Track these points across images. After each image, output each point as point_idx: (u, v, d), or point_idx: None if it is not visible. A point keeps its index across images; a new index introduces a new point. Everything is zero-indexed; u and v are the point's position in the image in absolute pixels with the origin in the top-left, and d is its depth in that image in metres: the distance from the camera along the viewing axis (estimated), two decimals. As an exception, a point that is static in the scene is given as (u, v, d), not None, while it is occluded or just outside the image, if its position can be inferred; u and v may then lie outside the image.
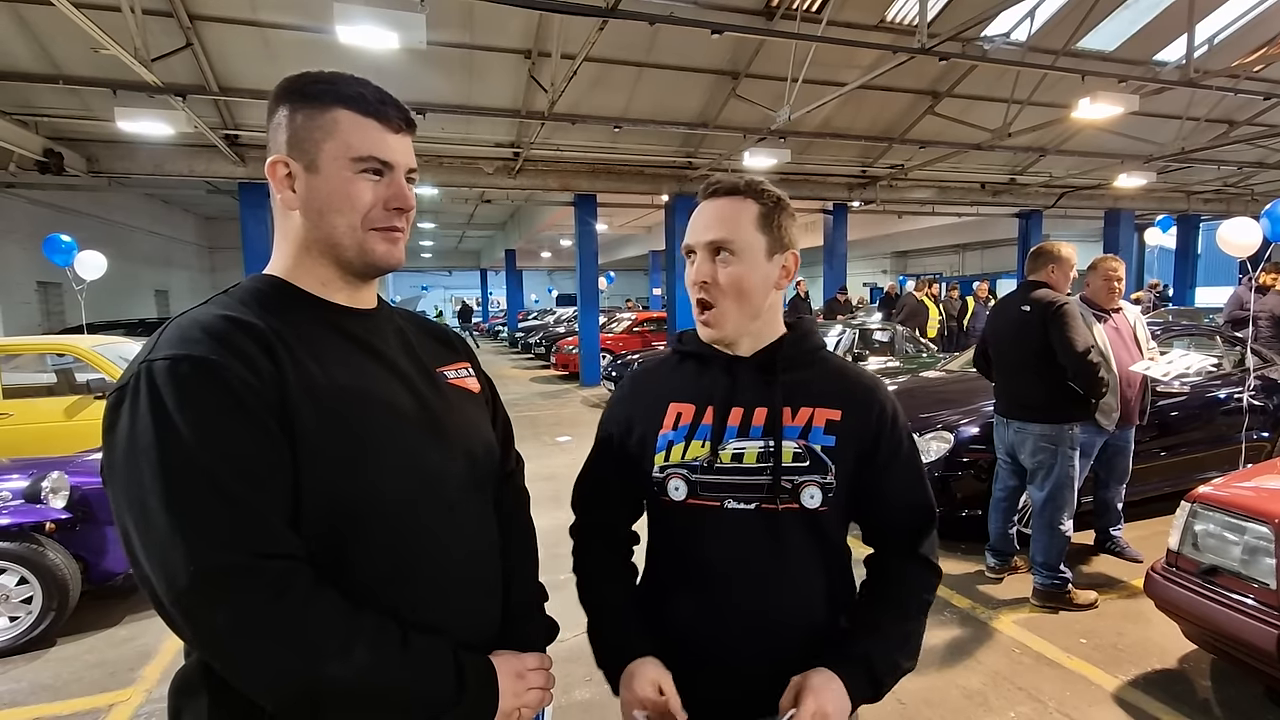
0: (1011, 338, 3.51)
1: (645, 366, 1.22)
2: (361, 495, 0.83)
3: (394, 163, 0.90)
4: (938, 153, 10.99)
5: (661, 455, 1.08)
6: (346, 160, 0.87)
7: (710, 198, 1.09)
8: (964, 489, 4.16)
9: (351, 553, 0.83)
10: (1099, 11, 8.03)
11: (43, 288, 12.22)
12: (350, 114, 0.88)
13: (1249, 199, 15.34)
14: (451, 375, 1.03)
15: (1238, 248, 5.26)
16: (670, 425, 1.08)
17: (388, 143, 0.89)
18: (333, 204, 0.88)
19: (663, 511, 1.11)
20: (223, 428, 0.75)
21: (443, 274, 37.84)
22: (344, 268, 0.92)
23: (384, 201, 0.90)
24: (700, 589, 1.08)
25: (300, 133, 0.88)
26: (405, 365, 0.95)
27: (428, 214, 19.54)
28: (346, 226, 0.89)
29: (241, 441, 0.76)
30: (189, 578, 0.71)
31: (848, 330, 8.35)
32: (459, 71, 8.29)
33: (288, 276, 0.91)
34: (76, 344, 5.38)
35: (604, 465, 1.18)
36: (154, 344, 0.80)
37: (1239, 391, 4.54)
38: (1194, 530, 2.57)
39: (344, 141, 0.87)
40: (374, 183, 0.89)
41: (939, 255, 26.62)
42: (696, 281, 1.07)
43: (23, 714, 2.73)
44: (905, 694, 2.71)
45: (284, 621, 0.73)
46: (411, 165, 0.93)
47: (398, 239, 0.93)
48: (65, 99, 7.89)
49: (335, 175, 0.87)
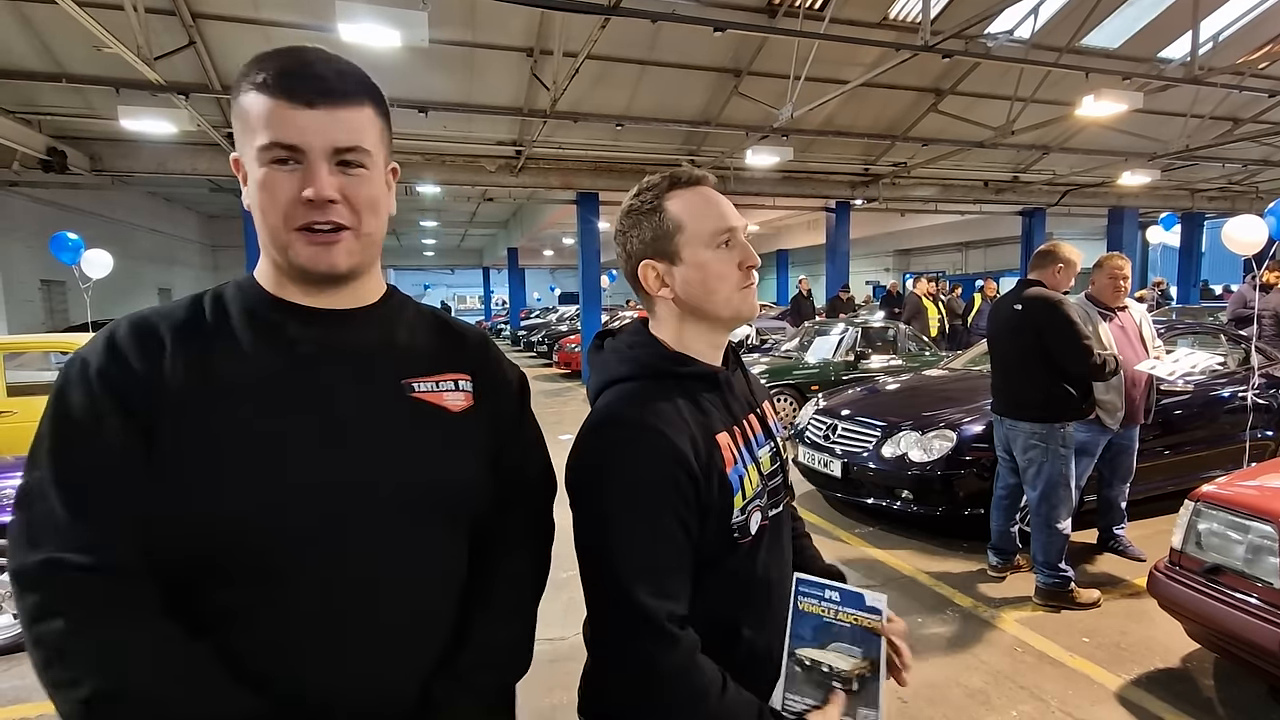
0: (1006, 336, 3.52)
1: (650, 401, 0.95)
2: (219, 522, 0.72)
3: (303, 145, 0.74)
4: (940, 150, 10.96)
5: (739, 495, 0.96)
6: (256, 151, 0.75)
7: (706, 185, 1.03)
8: (966, 487, 4.16)
9: (207, 586, 0.73)
10: (1103, 8, 8.00)
11: (46, 286, 12.25)
12: (256, 95, 0.75)
13: (1253, 196, 15.28)
14: (423, 388, 0.85)
15: (1244, 245, 5.24)
16: (731, 460, 0.96)
17: (292, 121, 0.74)
18: (257, 204, 0.77)
19: (729, 554, 0.96)
20: (68, 428, 0.73)
21: (445, 272, 37.89)
22: (284, 273, 0.82)
23: (299, 195, 0.75)
24: (759, 608, 1.02)
25: (235, 126, 0.79)
26: (344, 375, 0.80)
27: (430, 212, 19.56)
28: (271, 229, 0.77)
29: (81, 441, 0.73)
30: (12, 569, 0.71)
31: (850, 329, 8.34)
32: (461, 69, 8.28)
33: (257, 273, 0.85)
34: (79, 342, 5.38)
35: (679, 535, 0.90)
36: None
37: (1243, 390, 4.52)
38: (1198, 529, 2.57)
39: (250, 129, 0.76)
40: (287, 174, 0.75)
41: (942, 253, 26.58)
42: (755, 264, 1.02)
43: (27, 710, 2.74)
44: (906, 692, 2.71)
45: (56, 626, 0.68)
46: (339, 144, 0.76)
47: (329, 240, 0.77)
48: (68, 97, 7.91)
49: (253, 170, 0.77)
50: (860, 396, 5.32)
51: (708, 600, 0.95)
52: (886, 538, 4.41)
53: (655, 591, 0.87)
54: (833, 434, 4.81)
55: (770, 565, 1.03)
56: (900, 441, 4.36)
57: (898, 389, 5.39)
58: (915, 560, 4.03)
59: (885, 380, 5.95)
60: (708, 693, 0.88)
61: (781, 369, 7.78)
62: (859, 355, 7.92)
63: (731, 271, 0.99)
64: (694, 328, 1.02)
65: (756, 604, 1.01)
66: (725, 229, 0.98)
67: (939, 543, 4.27)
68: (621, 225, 1.03)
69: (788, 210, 16.85)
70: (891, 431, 4.44)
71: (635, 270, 1.02)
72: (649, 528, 0.88)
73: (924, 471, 4.20)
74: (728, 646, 0.97)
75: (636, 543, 0.88)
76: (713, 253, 0.98)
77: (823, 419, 4.99)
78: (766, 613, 1.02)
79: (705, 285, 0.98)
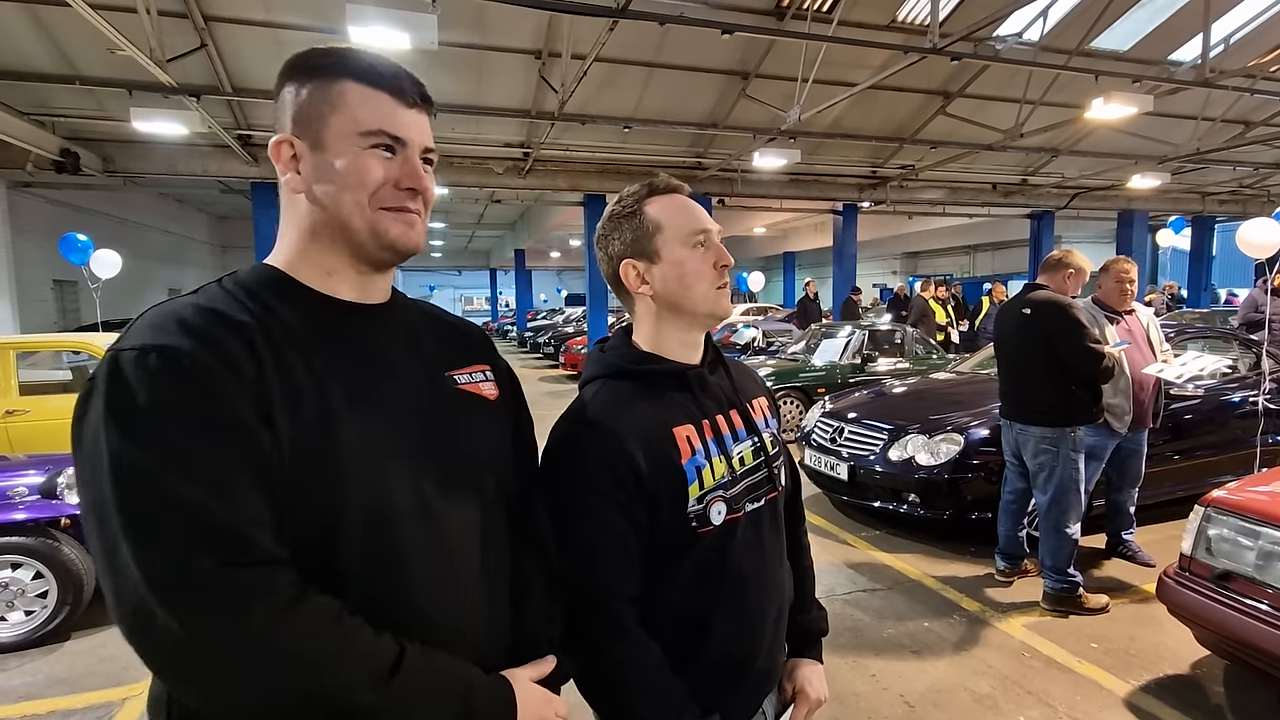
0: (1014, 340, 3.50)
1: (604, 399, 1.05)
2: (341, 511, 0.75)
3: (407, 139, 0.82)
4: (949, 153, 10.93)
5: (695, 485, 1.01)
6: (354, 135, 0.80)
7: (681, 193, 1.11)
8: (973, 491, 4.14)
9: (337, 564, 0.75)
10: (1113, 11, 7.96)
11: (58, 285, 12.36)
12: (359, 86, 0.81)
13: (1265, 200, 15.18)
14: (464, 380, 0.93)
15: (1258, 248, 5.21)
16: (688, 452, 1.02)
17: (400, 117, 0.82)
18: (339, 181, 0.80)
19: (692, 543, 1.02)
20: (186, 427, 0.67)
21: (452, 273, 37.99)
22: (356, 253, 0.84)
23: (396, 180, 0.82)
24: (732, 601, 1.05)
25: (306, 109, 0.81)
26: (408, 369, 0.87)
27: (438, 213, 19.61)
28: (354, 205, 0.81)
29: (207, 441, 0.68)
30: (135, 591, 0.63)
31: (857, 331, 8.32)
32: (469, 72, 8.33)
33: (288, 268, 0.84)
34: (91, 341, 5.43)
35: (619, 522, 0.99)
36: (126, 332, 0.73)
37: (1254, 395, 4.49)
38: (1207, 535, 2.55)
39: (351, 115, 0.80)
40: (385, 160, 0.81)
41: (950, 256, 26.49)
42: (728, 264, 1.08)
43: (37, 707, 2.77)
44: (914, 697, 2.70)
45: (256, 632, 0.65)
46: (428, 145, 0.85)
47: (414, 221, 0.84)
48: (81, 99, 8.00)
49: (342, 151, 0.80)
50: (867, 399, 5.31)
51: (677, 591, 1.02)
52: (893, 541, 4.40)
53: (588, 570, 0.98)
54: (839, 437, 4.80)
55: (744, 558, 1.06)
56: (907, 445, 4.35)
57: (904, 392, 5.38)
58: (922, 564, 4.02)
59: (892, 383, 5.93)
60: (641, 666, 0.98)
61: (788, 371, 7.77)
62: (866, 358, 7.90)
63: (707, 270, 1.06)
64: (670, 325, 1.09)
65: (729, 597, 1.05)
66: (701, 230, 1.06)
67: (946, 547, 4.25)
68: (604, 229, 1.10)
69: (795, 213, 16.84)
70: (898, 435, 4.43)
71: (617, 270, 1.09)
72: (588, 513, 0.98)
73: (931, 475, 4.18)
74: (699, 638, 1.03)
75: (578, 527, 0.98)
76: (689, 251, 1.05)
77: (829, 422, 4.98)
78: (742, 607, 1.06)
79: (682, 281, 1.05)
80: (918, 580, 3.82)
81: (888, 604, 3.53)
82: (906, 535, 4.46)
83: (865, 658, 3.01)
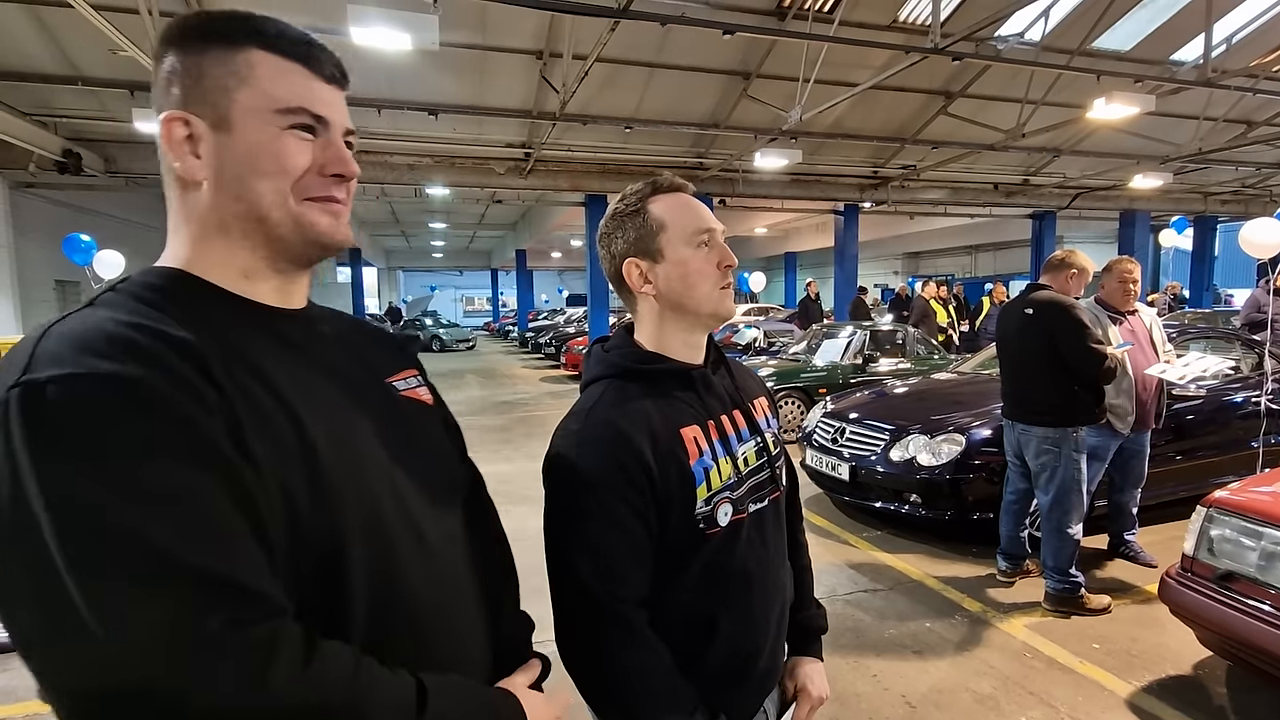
0: (1016, 340, 3.50)
1: (611, 399, 1.03)
2: (341, 538, 0.67)
3: (329, 119, 0.72)
4: (950, 153, 10.93)
5: (703, 486, 1.00)
6: (268, 113, 0.69)
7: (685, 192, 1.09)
8: (975, 492, 4.14)
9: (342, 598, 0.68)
10: (1115, 11, 7.96)
11: (61, 286, 12.37)
12: (270, 56, 0.70)
13: (1267, 200, 15.16)
14: (402, 386, 0.86)
15: (1260, 248, 5.20)
16: (696, 453, 1.01)
17: (319, 93, 0.72)
18: (255, 167, 0.69)
19: (700, 545, 1.00)
20: (160, 469, 0.56)
21: (454, 274, 38.04)
22: (276, 250, 0.72)
23: (321, 166, 0.72)
24: (738, 602, 1.05)
25: (204, 81, 0.68)
26: (360, 378, 0.80)
27: (439, 214, 19.65)
28: (275, 195, 0.70)
29: (185, 482, 0.57)
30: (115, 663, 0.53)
31: (858, 332, 8.31)
32: (471, 72, 8.33)
33: (191, 269, 0.70)
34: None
35: (630, 522, 0.96)
36: (27, 359, 0.57)
37: (1257, 395, 4.48)
38: (1210, 535, 2.54)
39: (263, 90, 0.69)
40: (306, 142, 0.71)
41: (951, 256, 26.46)
42: (732, 264, 1.07)
43: (38, 706, 2.76)
44: (915, 697, 2.70)
45: (277, 699, 0.56)
46: (348, 126, 0.75)
47: (340, 212, 0.74)
48: (84, 100, 8.01)
49: (256, 132, 0.69)
50: (868, 400, 5.30)
51: (685, 593, 1.01)
52: (895, 542, 4.39)
53: (597, 572, 0.94)
54: (841, 437, 4.80)
55: (749, 559, 1.05)
56: (909, 445, 4.34)
57: (906, 392, 5.37)
58: (924, 564, 4.02)
59: (893, 384, 5.92)
60: (651, 669, 0.95)
61: (789, 372, 7.77)
62: (867, 358, 7.90)
63: (711, 270, 1.04)
64: (673, 325, 1.07)
65: (735, 598, 1.04)
66: (704, 229, 1.04)
67: (947, 547, 4.24)
68: (606, 228, 1.08)
69: (796, 213, 16.84)
70: (900, 435, 4.43)
71: (620, 270, 1.07)
72: (599, 513, 0.95)
73: (932, 475, 4.18)
74: (707, 640, 1.02)
75: (586, 527, 0.96)
76: (693, 251, 1.04)
77: (831, 422, 4.97)
78: (747, 608, 1.05)
79: (686, 281, 1.04)
80: (919, 581, 3.82)
81: (889, 604, 3.53)
82: (908, 536, 4.45)
83: (867, 658, 3.00)
